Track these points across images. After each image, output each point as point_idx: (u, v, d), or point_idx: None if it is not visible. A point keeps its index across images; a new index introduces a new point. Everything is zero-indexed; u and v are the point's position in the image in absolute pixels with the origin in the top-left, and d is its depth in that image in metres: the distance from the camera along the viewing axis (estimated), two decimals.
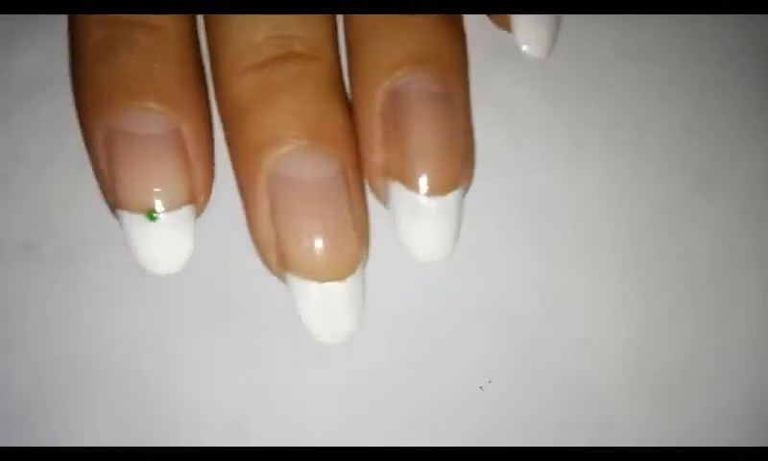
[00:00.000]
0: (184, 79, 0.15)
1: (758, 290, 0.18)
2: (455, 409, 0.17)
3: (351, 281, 0.15)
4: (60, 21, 0.19)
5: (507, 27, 0.17)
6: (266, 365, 0.17)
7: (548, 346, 0.17)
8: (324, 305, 0.15)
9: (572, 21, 0.19)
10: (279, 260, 0.15)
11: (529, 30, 0.16)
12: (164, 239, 0.15)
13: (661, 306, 0.17)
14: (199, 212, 0.15)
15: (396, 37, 0.15)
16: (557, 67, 0.18)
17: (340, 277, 0.14)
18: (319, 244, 0.14)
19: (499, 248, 0.17)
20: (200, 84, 0.16)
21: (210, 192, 0.15)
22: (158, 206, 0.14)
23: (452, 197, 0.15)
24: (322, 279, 0.14)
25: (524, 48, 0.16)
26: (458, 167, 0.15)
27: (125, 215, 0.15)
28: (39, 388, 0.16)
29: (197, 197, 0.15)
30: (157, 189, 0.14)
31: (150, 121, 0.14)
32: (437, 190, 0.15)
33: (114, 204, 0.15)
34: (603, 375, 0.17)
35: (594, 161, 0.18)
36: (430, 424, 0.17)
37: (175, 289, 0.17)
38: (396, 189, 0.15)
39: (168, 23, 0.15)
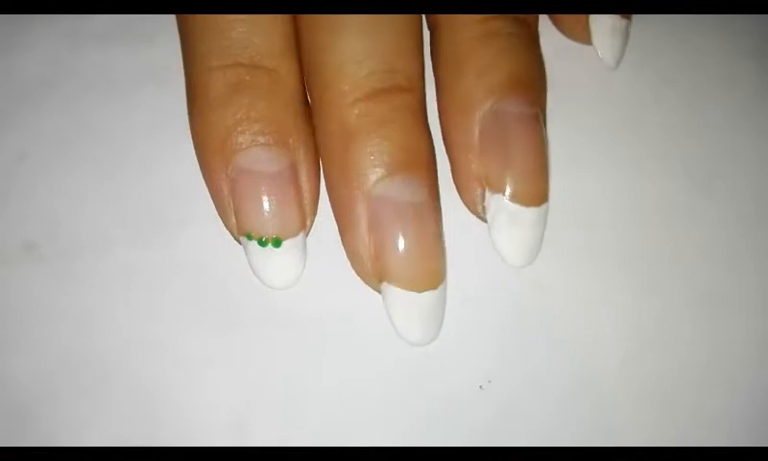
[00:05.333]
0: (298, 115, 0.17)
1: (758, 289, 0.18)
2: (455, 409, 0.17)
3: (441, 289, 0.16)
4: (62, 21, 0.19)
5: (578, 36, 0.19)
6: (266, 365, 0.17)
7: (548, 346, 0.17)
8: (419, 312, 0.16)
9: None
10: (376, 272, 0.16)
11: (607, 40, 0.18)
12: (284, 262, 0.16)
13: (661, 306, 0.17)
14: (307, 232, 0.17)
15: (493, 62, 0.16)
16: (556, 69, 0.18)
17: (433, 286, 0.16)
18: (417, 257, 0.16)
19: None
20: (309, 117, 0.17)
21: (316, 213, 0.17)
22: (281, 236, 0.16)
23: (545, 207, 0.17)
24: (419, 289, 0.16)
25: (601, 56, 0.18)
26: (548, 180, 0.17)
27: (250, 244, 0.16)
28: (40, 388, 0.16)
29: (307, 221, 0.17)
30: (280, 222, 0.16)
31: (271, 158, 0.16)
32: (534, 201, 0.16)
33: (240, 233, 0.16)
34: (602, 374, 0.17)
35: (593, 162, 0.18)
36: (430, 424, 0.17)
37: (175, 289, 0.17)
38: (496, 200, 0.16)
39: (281, 64, 0.17)
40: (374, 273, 0.16)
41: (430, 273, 0.16)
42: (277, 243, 0.16)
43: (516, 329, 0.17)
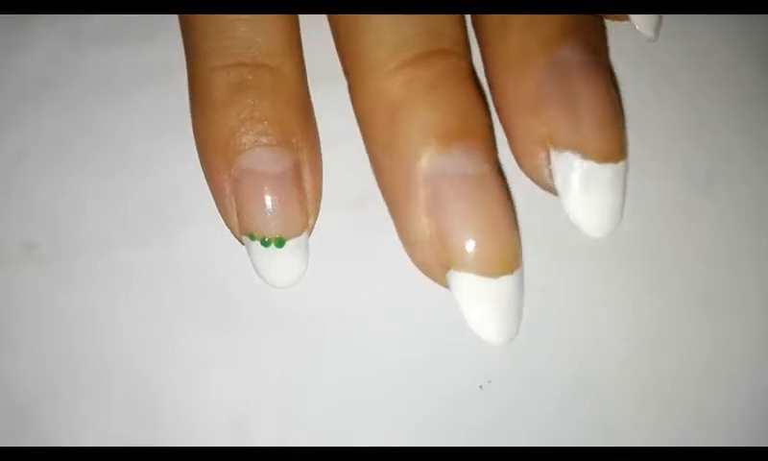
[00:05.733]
0: (301, 114, 0.16)
1: (758, 289, 0.18)
2: (455, 409, 0.17)
3: (518, 274, 0.15)
4: (62, 21, 0.19)
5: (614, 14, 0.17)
6: (266, 365, 0.17)
7: (548, 346, 0.17)
8: (497, 303, 0.14)
9: None
10: (441, 260, 0.15)
11: (645, 15, 0.17)
12: (288, 262, 0.16)
13: (661, 306, 0.17)
14: (310, 232, 0.17)
15: (543, 16, 0.15)
16: None
17: (510, 270, 0.14)
18: (489, 238, 0.14)
19: None
20: (312, 116, 0.17)
21: (319, 212, 0.17)
22: (284, 236, 0.16)
23: (623, 164, 0.15)
24: (495, 274, 0.14)
25: (640, 28, 0.16)
26: (625, 134, 0.15)
27: (253, 244, 0.16)
28: (40, 388, 0.16)
29: (310, 221, 0.16)
30: (283, 222, 0.16)
31: (274, 158, 0.16)
32: (612, 157, 0.15)
33: (242, 233, 0.16)
34: (602, 374, 0.17)
35: None
36: (430, 424, 0.17)
37: (175, 289, 0.17)
38: (566, 160, 0.15)
39: (284, 63, 0.16)
40: (439, 261, 0.15)
41: (505, 255, 0.14)
42: (281, 243, 0.16)
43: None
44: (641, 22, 0.17)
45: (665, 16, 0.19)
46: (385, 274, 0.17)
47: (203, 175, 0.17)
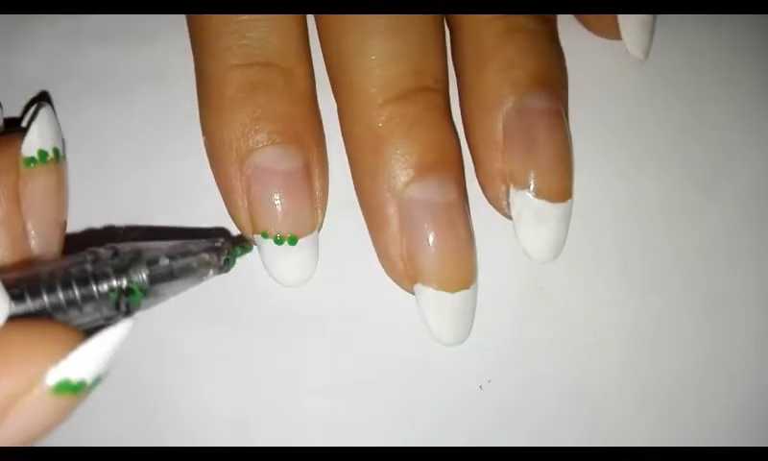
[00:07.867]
0: (311, 114, 0.17)
1: (758, 289, 0.18)
2: (455, 409, 0.17)
3: (473, 288, 0.16)
4: (62, 21, 0.19)
5: (607, 33, 0.18)
6: (266, 365, 0.17)
7: (548, 346, 0.17)
8: (453, 312, 0.16)
9: (569, 22, 0.19)
10: (409, 274, 0.16)
11: (637, 37, 0.18)
12: (300, 259, 0.16)
13: (661, 306, 0.17)
14: (318, 230, 0.17)
15: (515, 58, 0.17)
16: None
17: (467, 285, 0.16)
18: (451, 258, 0.16)
19: (499, 248, 0.17)
20: (319, 117, 0.17)
21: (326, 212, 0.17)
22: (298, 233, 0.16)
23: (570, 203, 0.17)
24: (452, 290, 0.16)
25: (630, 51, 0.18)
26: (573, 176, 0.17)
27: (266, 242, 0.16)
28: None
29: (319, 219, 0.17)
30: (296, 220, 0.16)
31: (287, 157, 0.16)
32: (561, 197, 0.16)
33: (255, 231, 0.16)
34: (603, 374, 0.17)
35: (593, 162, 0.18)
36: (430, 424, 0.17)
37: None
38: (521, 196, 0.16)
39: (296, 65, 0.17)
40: (407, 275, 0.16)
41: (463, 273, 0.16)
42: (293, 241, 0.16)
43: (515, 329, 0.17)
44: (632, 44, 0.18)
45: (665, 17, 0.19)
46: (385, 274, 0.17)
47: (202, 174, 0.17)
